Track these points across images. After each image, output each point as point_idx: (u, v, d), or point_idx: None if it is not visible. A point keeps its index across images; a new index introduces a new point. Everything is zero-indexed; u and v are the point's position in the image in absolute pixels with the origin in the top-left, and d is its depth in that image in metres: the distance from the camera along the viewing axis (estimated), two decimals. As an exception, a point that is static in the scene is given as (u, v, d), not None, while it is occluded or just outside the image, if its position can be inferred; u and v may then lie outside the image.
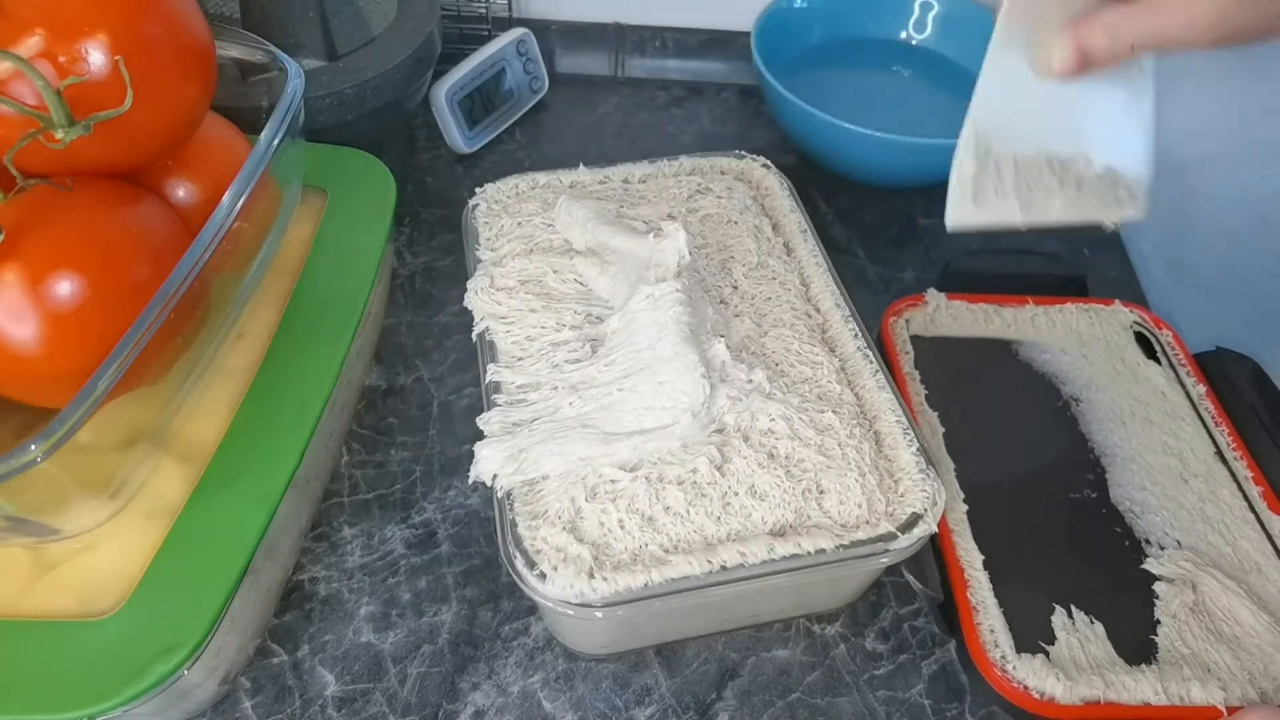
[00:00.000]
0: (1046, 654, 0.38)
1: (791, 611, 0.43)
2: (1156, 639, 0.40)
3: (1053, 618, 0.40)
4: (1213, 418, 0.48)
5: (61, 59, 0.31)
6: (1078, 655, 0.39)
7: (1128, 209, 0.43)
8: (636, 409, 0.38)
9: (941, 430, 0.46)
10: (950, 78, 0.69)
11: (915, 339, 0.51)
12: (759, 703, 0.41)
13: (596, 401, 0.38)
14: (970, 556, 0.41)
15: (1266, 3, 0.33)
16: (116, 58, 0.32)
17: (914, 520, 0.36)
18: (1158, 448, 0.47)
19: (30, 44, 0.31)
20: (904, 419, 0.39)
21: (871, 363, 0.42)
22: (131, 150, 0.35)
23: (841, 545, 0.35)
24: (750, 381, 0.39)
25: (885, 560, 0.36)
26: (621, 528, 0.35)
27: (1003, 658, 0.38)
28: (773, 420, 0.38)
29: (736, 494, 0.36)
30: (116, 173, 0.35)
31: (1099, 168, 0.43)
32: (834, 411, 0.39)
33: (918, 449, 0.38)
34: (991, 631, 0.39)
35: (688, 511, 0.35)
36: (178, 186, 0.38)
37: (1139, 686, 0.37)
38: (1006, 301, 0.53)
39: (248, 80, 0.43)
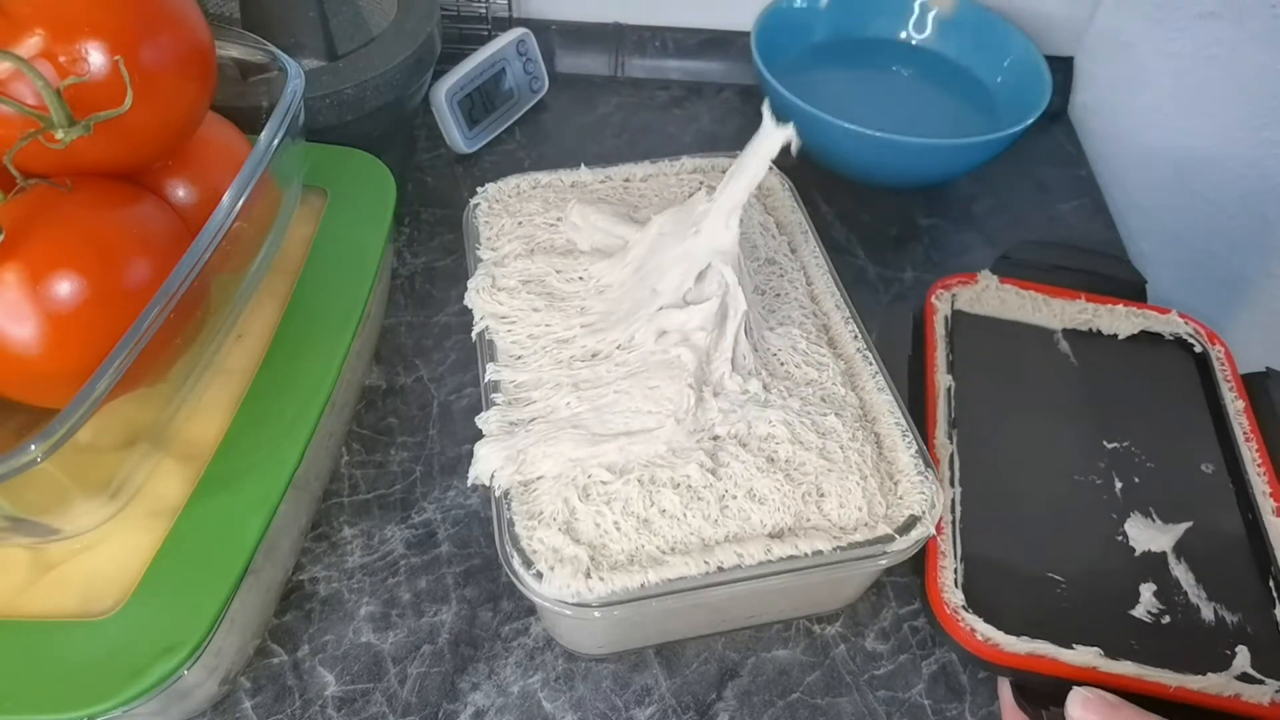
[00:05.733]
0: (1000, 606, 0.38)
1: (791, 613, 0.43)
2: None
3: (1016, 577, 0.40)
4: (1245, 432, 0.47)
5: (61, 59, 0.31)
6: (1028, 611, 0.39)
7: None
8: (626, 411, 0.38)
9: (951, 386, 0.47)
10: (950, 78, 0.69)
11: (957, 313, 0.50)
12: (759, 703, 0.41)
13: (592, 402, 0.38)
14: (947, 507, 0.41)
15: None
16: (116, 58, 0.32)
17: (912, 522, 0.36)
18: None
19: (30, 44, 0.31)
20: (903, 421, 0.39)
21: (871, 364, 0.42)
22: (131, 150, 0.35)
23: (839, 547, 0.35)
24: (746, 392, 0.39)
25: (884, 562, 0.36)
26: (617, 529, 0.35)
27: (961, 605, 0.38)
28: (772, 426, 0.38)
29: (735, 497, 0.36)
30: (116, 173, 0.35)
31: None
32: (837, 414, 0.39)
33: (916, 451, 0.38)
34: (954, 574, 0.39)
35: (684, 514, 0.35)
36: (178, 186, 0.38)
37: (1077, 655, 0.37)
38: (1058, 294, 0.52)
39: (248, 80, 0.43)
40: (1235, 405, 0.48)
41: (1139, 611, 0.40)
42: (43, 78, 0.30)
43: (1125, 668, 0.37)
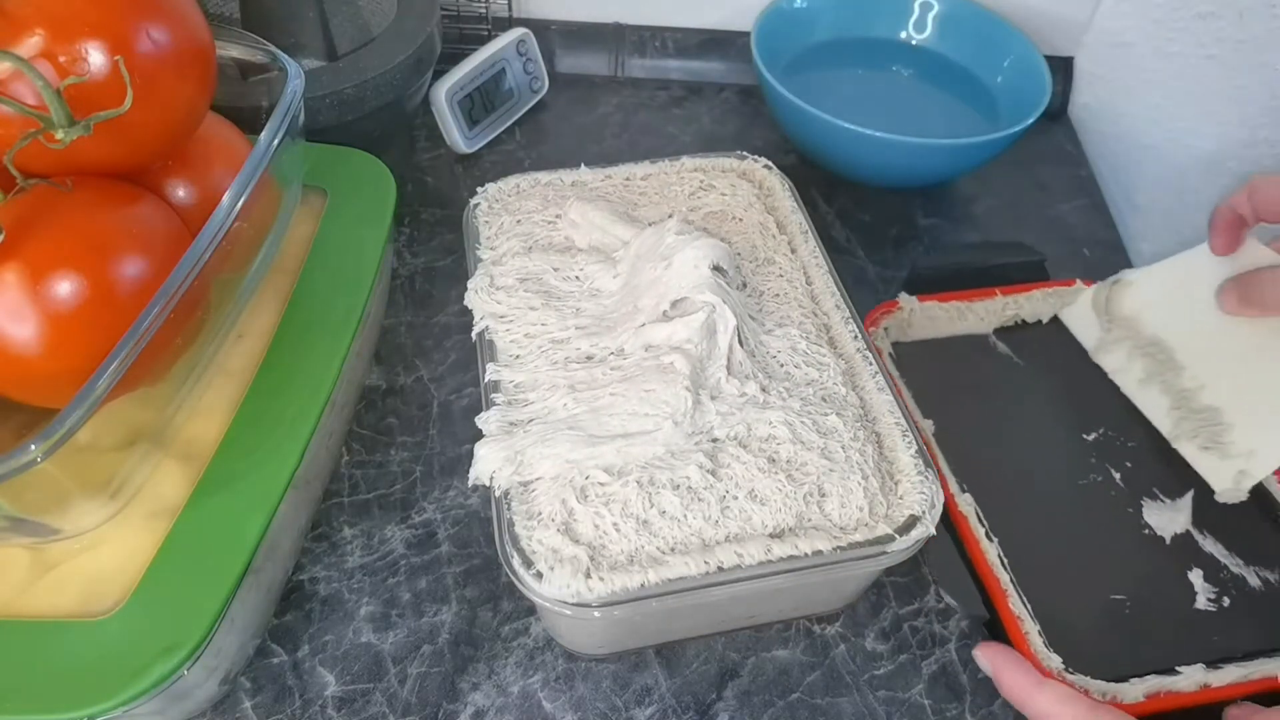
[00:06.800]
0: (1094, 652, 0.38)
1: (791, 613, 0.43)
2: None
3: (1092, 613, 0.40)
4: None
5: (61, 59, 0.31)
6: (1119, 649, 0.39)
7: (1224, 482, 0.44)
8: (623, 414, 0.38)
9: (933, 430, 0.47)
10: (950, 78, 0.69)
11: (896, 345, 0.51)
12: (759, 703, 0.41)
13: (589, 404, 0.38)
14: (999, 565, 0.41)
15: None
16: (116, 58, 0.32)
17: (912, 522, 0.36)
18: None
19: (30, 44, 0.31)
20: (903, 420, 0.39)
21: (871, 364, 0.42)
22: (131, 150, 0.35)
23: (839, 547, 0.35)
24: (743, 395, 0.39)
25: (884, 562, 0.36)
26: (616, 530, 0.35)
27: (1060, 667, 0.38)
28: (773, 426, 0.38)
29: (736, 498, 0.36)
30: (116, 173, 0.35)
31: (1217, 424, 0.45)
32: (838, 414, 0.39)
33: (916, 450, 0.38)
34: (1040, 636, 0.39)
35: (684, 515, 0.35)
36: (178, 186, 0.38)
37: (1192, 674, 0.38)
38: (975, 296, 0.53)
39: (248, 80, 0.43)
40: None
41: (1201, 603, 0.41)
42: (43, 78, 0.30)
43: (1231, 673, 0.38)
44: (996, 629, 0.40)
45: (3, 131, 0.32)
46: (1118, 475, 0.45)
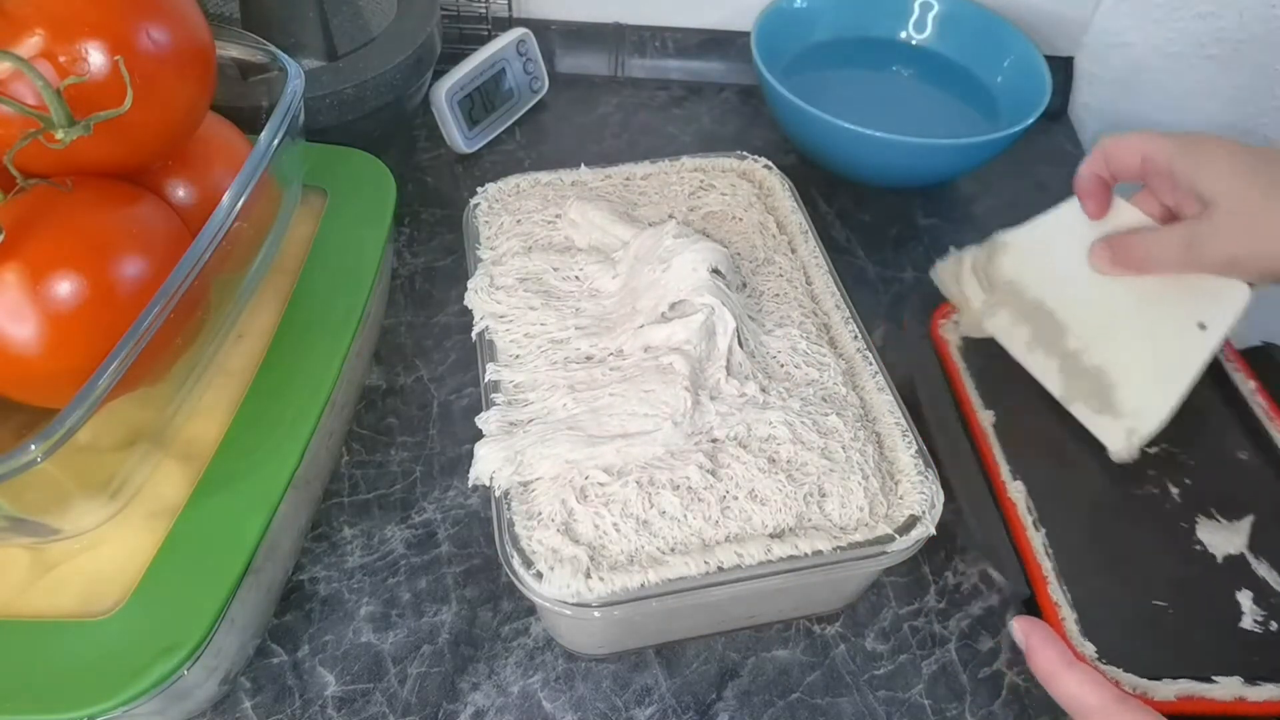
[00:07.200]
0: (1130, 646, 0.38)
1: (791, 612, 0.43)
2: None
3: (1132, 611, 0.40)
4: (1265, 412, 0.47)
5: (61, 59, 0.31)
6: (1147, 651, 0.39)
7: (1116, 442, 0.44)
8: (623, 414, 0.38)
9: (994, 421, 0.46)
10: (950, 78, 0.69)
11: (965, 338, 0.50)
12: (759, 703, 0.41)
13: (588, 404, 0.38)
14: (1043, 553, 0.41)
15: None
16: (116, 58, 0.32)
17: (912, 522, 0.36)
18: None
19: (30, 44, 0.31)
20: (903, 421, 0.39)
21: (871, 364, 0.42)
22: (131, 150, 0.35)
23: (839, 547, 0.35)
24: (743, 395, 0.39)
25: (884, 562, 0.36)
26: (616, 530, 0.35)
27: (1094, 655, 0.38)
28: (773, 427, 0.38)
29: (736, 498, 0.36)
30: (116, 173, 0.35)
31: (1106, 382, 0.45)
32: (838, 414, 0.39)
33: (916, 451, 0.38)
34: (1077, 624, 0.39)
35: (684, 515, 0.35)
36: (178, 186, 0.38)
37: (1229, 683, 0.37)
38: None
39: (248, 80, 0.43)
40: (1247, 386, 0.49)
41: (1247, 623, 0.40)
42: (43, 78, 0.30)
43: (1268, 691, 0.37)
44: (1034, 611, 0.40)
45: (3, 131, 0.32)
46: (1175, 490, 0.45)
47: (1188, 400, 0.46)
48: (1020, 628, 0.37)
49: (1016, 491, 0.44)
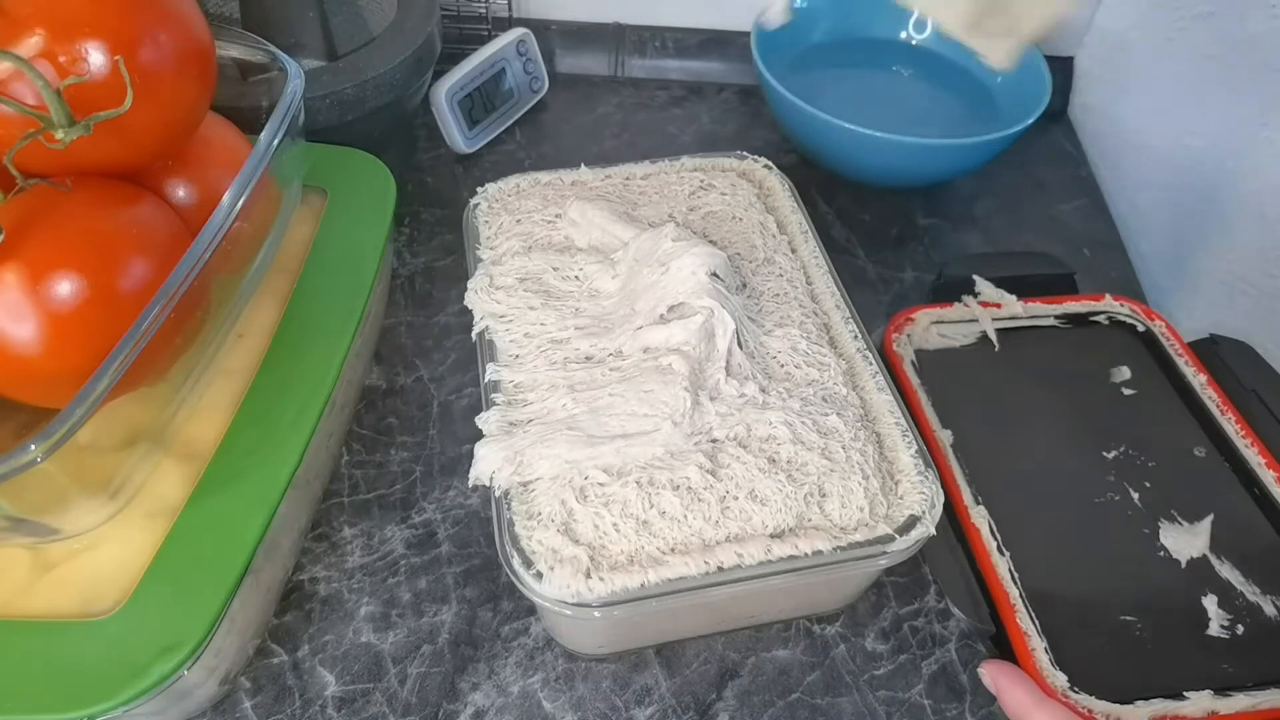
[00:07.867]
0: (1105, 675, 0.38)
1: (791, 612, 0.43)
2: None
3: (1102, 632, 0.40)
4: (1218, 406, 0.47)
5: (61, 59, 0.31)
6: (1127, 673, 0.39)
7: (1001, 61, 0.47)
8: (622, 414, 0.38)
9: (951, 440, 0.46)
10: (950, 78, 0.69)
11: (919, 353, 0.50)
12: (759, 703, 0.41)
13: (588, 404, 0.38)
14: (1009, 580, 0.41)
15: None
16: (116, 58, 0.32)
17: (912, 522, 0.36)
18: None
19: (30, 44, 0.31)
20: (903, 421, 0.39)
21: (871, 364, 0.42)
22: (131, 150, 0.35)
23: (839, 547, 0.35)
24: (743, 396, 0.39)
25: (884, 562, 0.36)
26: (616, 530, 0.35)
27: (1065, 686, 0.38)
28: (773, 427, 0.38)
29: (736, 498, 0.36)
30: (116, 173, 0.35)
31: None
32: (839, 414, 0.39)
33: (916, 451, 0.38)
34: (1047, 654, 0.38)
35: (684, 516, 0.35)
36: (178, 186, 0.38)
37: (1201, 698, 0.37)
38: (989, 306, 0.52)
39: (248, 80, 0.43)
40: (1198, 380, 0.49)
41: (1214, 629, 0.40)
42: (43, 78, 0.30)
43: (1239, 702, 0.37)
44: (1003, 644, 0.40)
45: (3, 131, 0.32)
46: (1136, 495, 0.45)
47: (1141, 398, 0.46)
48: (988, 672, 0.37)
49: (979, 517, 0.43)
